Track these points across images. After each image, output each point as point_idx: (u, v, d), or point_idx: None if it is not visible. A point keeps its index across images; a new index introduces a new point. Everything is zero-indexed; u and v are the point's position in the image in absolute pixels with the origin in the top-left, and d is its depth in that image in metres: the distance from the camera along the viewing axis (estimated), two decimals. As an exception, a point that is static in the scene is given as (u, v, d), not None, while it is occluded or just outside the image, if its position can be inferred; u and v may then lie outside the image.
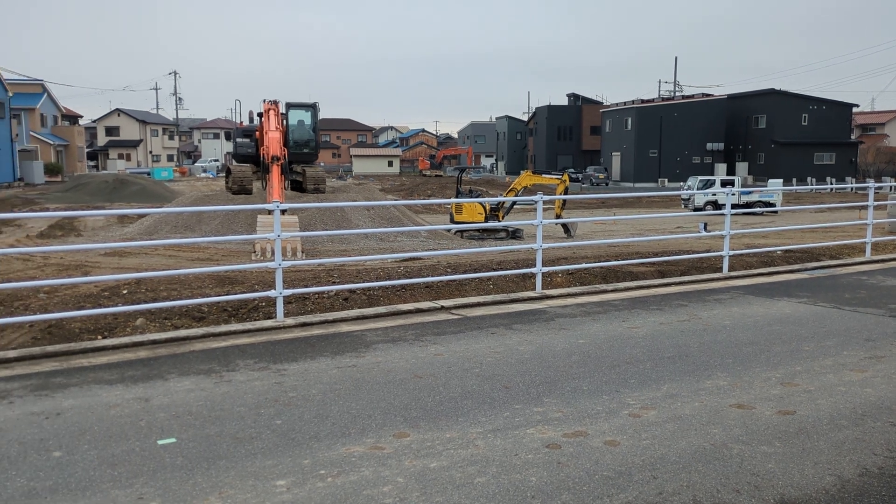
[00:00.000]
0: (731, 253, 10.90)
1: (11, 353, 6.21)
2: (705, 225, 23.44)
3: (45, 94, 68.00)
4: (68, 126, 73.26)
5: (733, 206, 10.89)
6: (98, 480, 3.90)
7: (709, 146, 66.62)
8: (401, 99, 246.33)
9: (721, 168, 63.65)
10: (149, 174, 64.46)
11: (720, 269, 10.77)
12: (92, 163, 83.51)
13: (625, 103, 70.76)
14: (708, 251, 12.52)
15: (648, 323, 7.58)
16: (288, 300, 8.12)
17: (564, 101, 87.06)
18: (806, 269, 11.11)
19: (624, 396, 5.22)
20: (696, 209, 34.05)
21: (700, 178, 38.35)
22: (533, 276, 9.50)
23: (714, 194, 33.26)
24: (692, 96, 70.84)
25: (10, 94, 56.42)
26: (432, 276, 10.06)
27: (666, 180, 64.48)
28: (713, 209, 33.60)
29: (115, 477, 3.94)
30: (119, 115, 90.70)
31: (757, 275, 10.67)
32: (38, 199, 40.37)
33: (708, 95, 70.01)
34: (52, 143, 66.42)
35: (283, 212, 8.10)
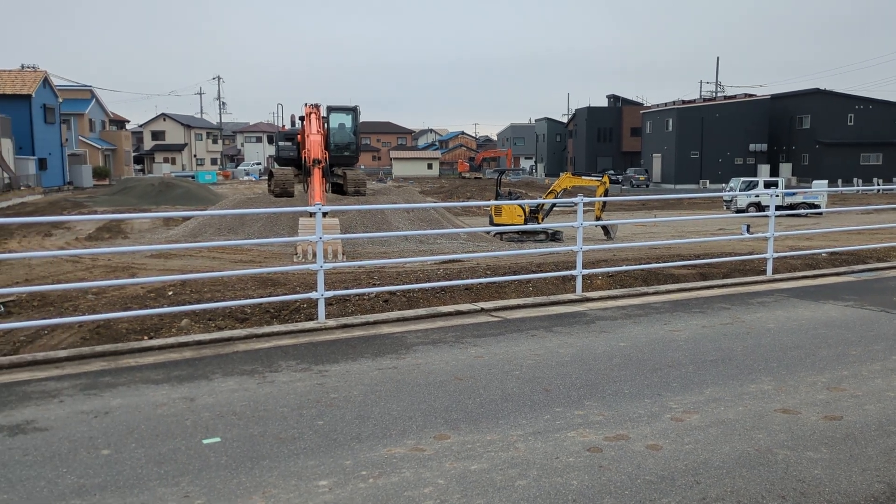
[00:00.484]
0: (775, 255, 10.70)
1: (62, 353, 6.39)
2: (748, 227, 23.04)
3: (94, 100, 69.76)
4: (116, 131, 75.01)
5: (777, 208, 10.68)
6: (145, 478, 3.99)
7: (751, 147, 65.49)
8: (440, 102, 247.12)
9: (764, 169, 62.51)
10: (193, 177, 65.63)
11: (764, 272, 10.58)
12: (138, 166, 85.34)
13: (665, 104, 69.94)
14: (751, 253, 12.30)
15: (690, 326, 7.48)
16: (329, 302, 8.20)
17: (604, 103, 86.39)
18: (852, 272, 10.86)
19: (666, 400, 5.17)
20: (738, 211, 33.52)
21: (743, 179, 37.69)
22: (573, 278, 9.45)
23: (757, 196, 32.69)
24: (734, 96, 69.72)
25: (60, 101, 58.03)
26: (472, 278, 10.07)
27: (707, 182, 63.55)
28: (756, 211, 33.02)
29: (161, 475, 4.02)
30: (164, 119, 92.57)
31: (801, 277, 10.46)
32: (87, 202, 41.40)
33: (750, 96, 68.83)
34: (100, 147, 68.09)
35: (325, 214, 8.19)
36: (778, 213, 10.80)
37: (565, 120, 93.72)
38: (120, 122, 79.92)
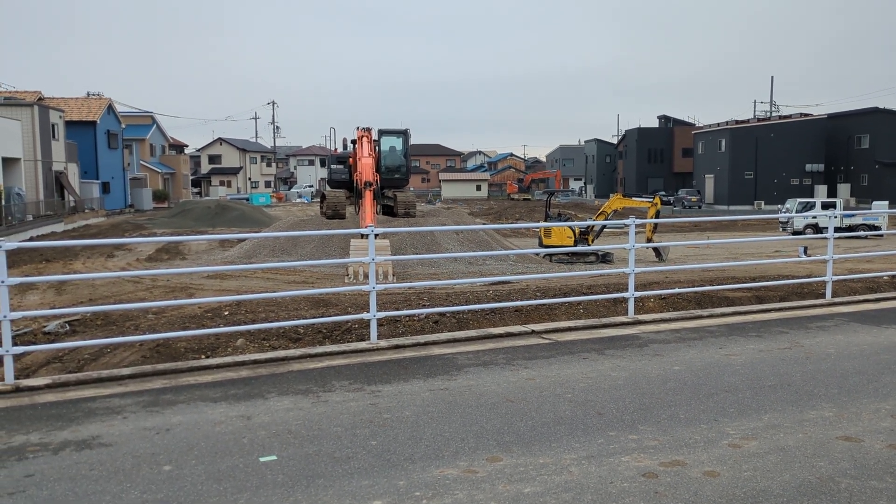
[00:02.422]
0: (835, 278, 10.43)
1: (125, 371, 6.59)
2: (805, 249, 22.51)
3: (154, 126, 72.06)
4: (174, 155, 77.26)
5: (835, 230, 10.43)
6: (205, 495, 4.08)
7: (808, 167, 63.98)
8: (489, 123, 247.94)
9: (821, 190, 60.96)
10: (247, 200, 67.12)
11: (822, 295, 10.32)
12: (196, 189, 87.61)
13: (718, 124, 68.93)
14: (809, 276, 12.02)
15: (747, 350, 7.34)
16: (380, 322, 8.29)
17: (655, 123, 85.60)
18: (918, 296, 10.50)
19: (723, 426, 5.08)
20: (794, 232, 32.77)
21: (799, 200, 36.88)
22: (624, 300, 9.37)
23: (814, 217, 31.89)
24: (789, 116, 68.32)
25: (123, 126, 60.14)
26: (522, 299, 10.06)
27: (762, 203, 62.24)
28: (813, 232, 32.25)
29: (220, 492, 4.12)
30: (221, 143, 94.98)
31: (862, 301, 10.17)
32: (147, 224, 42.65)
33: (806, 115, 67.34)
34: (159, 171, 70.18)
35: (377, 236, 8.30)
36: (837, 234, 10.54)
37: (615, 141, 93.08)
38: (179, 147, 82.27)
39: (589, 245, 24.87)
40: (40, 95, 47.93)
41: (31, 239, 31.07)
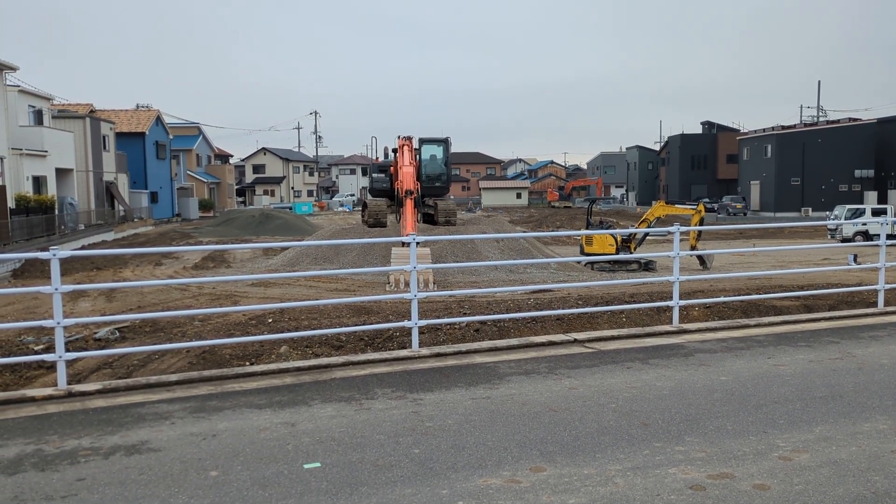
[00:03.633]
0: (887, 287, 10.14)
1: (173, 377, 6.71)
2: (855, 256, 21.97)
3: (201, 136, 73.53)
4: (220, 165, 78.70)
5: (887, 237, 10.15)
6: (250, 501, 4.13)
7: (857, 173, 62.39)
8: (529, 131, 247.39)
9: (871, 196, 59.37)
10: (290, 209, 68.00)
11: (874, 304, 10.03)
12: (240, 198, 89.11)
13: (764, 130, 67.71)
14: (859, 285, 11.70)
15: (796, 360, 7.17)
16: (421, 330, 8.30)
17: (698, 129, 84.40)
18: (977, 305, 10.15)
19: (772, 438, 4.97)
20: (844, 240, 32.00)
21: (848, 206, 36.00)
22: (668, 309, 9.24)
23: (864, 224, 31.10)
24: (837, 121, 66.78)
25: (171, 137, 61.47)
26: (563, 308, 9.99)
27: (810, 209, 60.88)
28: (863, 240, 31.46)
29: (265, 498, 4.16)
30: (265, 153, 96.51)
31: (919, 311, 9.86)
32: (193, 232, 43.48)
33: (855, 120, 65.76)
34: (205, 181, 71.56)
35: (418, 244, 8.33)
36: (888, 241, 10.26)
37: (657, 147, 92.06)
38: (224, 157, 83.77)
39: (631, 253, 24.60)
40: (92, 108, 49.24)
41: (83, 247, 31.92)
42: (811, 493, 4.07)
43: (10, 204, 30.01)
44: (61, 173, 38.70)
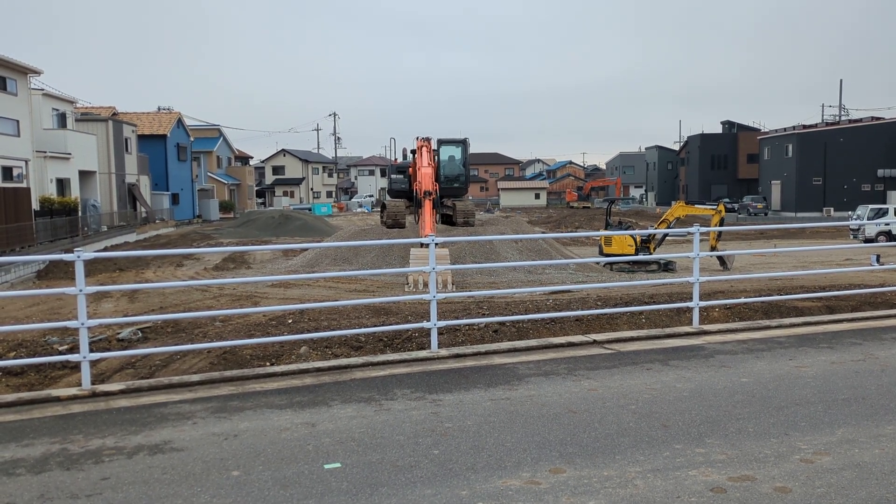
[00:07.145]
0: (913, 288, 10.02)
1: (195, 378, 6.78)
2: (878, 257, 21.72)
3: (221, 138, 74.03)
4: (240, 166, 79.20)
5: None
6: (272, 500, 4.16)
7: (880, 172, 61.64)
8: (547, 132, 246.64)
9: (894, 196, 58.64)
10: (310, 210, 68.34)
11: (900, 306, 9.92)
12: (260, 200, 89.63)
13: (785, 129, 67.07)
14: (882, 285, 11.57)
15: (818, 362, 7.11)
16: (440, 331, 8.32)
17: (718, 129, 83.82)
18: None
19: (794, 440, 4.93)
20: (866, 240, 31.62)
21: (871, 206, 35.57)
22: (688, 310, 9.19)
23: (887, 224, 30.71)
24: (860, 120, 65.99)
25: (192, 139, 61.99)
26: (582, 309, 9.96)
27: (832, 209, 60.24)
28: (886, 240, 31.08)
29: (286, 498, 4.19)
30: (284, 155, 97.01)
31: (944, 312, 9.73)
32: (214, 234, 43.82)
33: (878, 119, 64.94)
34: (226, 182, 72.04)
35: (436, 245, 8.35)
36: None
37: (676, 147, 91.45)
38: (244, 158, 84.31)
39: (651, 253, 24.47)
40: (114, 110, 49.82)
41: (106, 249, 32.29)
42: (833, 496, 4.04)
43: (35, 206, 30.43)
44: (84, 175, 39.19)
